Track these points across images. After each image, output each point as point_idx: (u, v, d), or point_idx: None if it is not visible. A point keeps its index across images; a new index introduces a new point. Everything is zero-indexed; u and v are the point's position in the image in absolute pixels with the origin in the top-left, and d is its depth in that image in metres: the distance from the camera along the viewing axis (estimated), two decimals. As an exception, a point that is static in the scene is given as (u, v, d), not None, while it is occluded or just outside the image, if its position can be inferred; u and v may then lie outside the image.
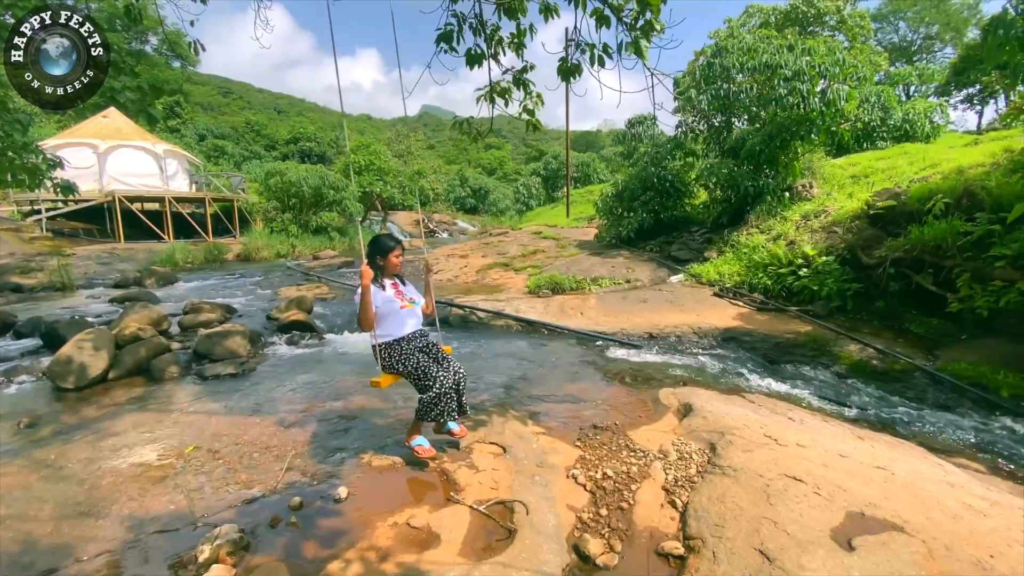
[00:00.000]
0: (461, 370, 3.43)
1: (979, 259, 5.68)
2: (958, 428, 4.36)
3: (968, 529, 2.42)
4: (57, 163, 5.43)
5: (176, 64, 45.58)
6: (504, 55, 3.63)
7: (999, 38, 4.23)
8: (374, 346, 3.30)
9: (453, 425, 3.50)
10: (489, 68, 3.63)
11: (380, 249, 3.40)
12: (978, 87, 25.33)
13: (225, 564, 2.40)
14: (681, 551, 2.52)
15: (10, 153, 5.02)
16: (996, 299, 5.31)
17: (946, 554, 2.23)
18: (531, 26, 3.56)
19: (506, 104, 3.75)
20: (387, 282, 3.39)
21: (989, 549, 2.27)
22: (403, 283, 3.53)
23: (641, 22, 2.89)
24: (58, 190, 5.41)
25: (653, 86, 3.14)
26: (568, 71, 3.47)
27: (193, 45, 4.20)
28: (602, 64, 3.16)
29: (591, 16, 3.05)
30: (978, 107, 28.31)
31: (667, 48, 3.09)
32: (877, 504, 2.61)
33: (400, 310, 3.32)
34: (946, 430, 4.33)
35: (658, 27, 2.91)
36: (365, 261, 3.26)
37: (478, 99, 3.81)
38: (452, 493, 3.02)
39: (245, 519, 2.81)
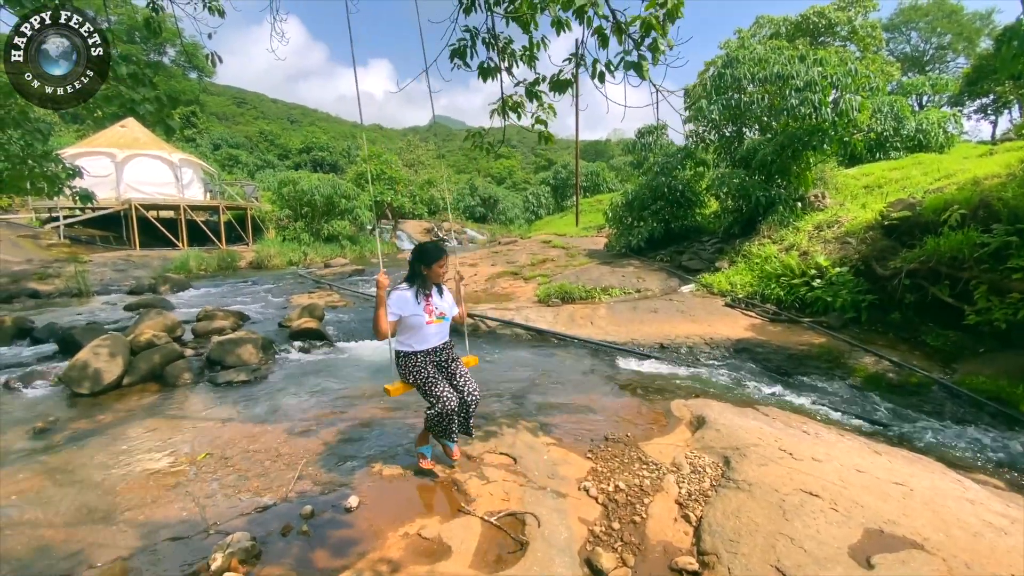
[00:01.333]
0: (475, 392, 3.32)
1: (996, 271, 5.60)
2: (977, 443, 4.28)
3: (989, 547, 2.36)
4: (76, 172, 5.55)
5: (193, 75, 46.48)
6: (517, 67, 3.65)
7: (1013, 49, 4.21)
8: (394, 352, 3.27)
9: (450, 444, 3.44)
10: (501, 80, 3.65)
11: (424, 259, 3.21)
12: (992, 97, 25.15)
13: (237, 572, 2.40)
14: (695, 566, 2.49)
15: (31, 161, 5.15)
16: (1014, 312, 5.23)
17: (967, 573, 2.19)
18: (543, 39, 3.57)
19: (519, 117, 3.76)
20: (420, 293, 3.22)
21: (1011, 568, 2.22)
22: (440, 294, 3.34)
23: (648, 40, 2.89)
24: (76, 198, 5.53)
25: (657, 102, 3.15)
26: (559, 84, 3.48)
27: (211, 57, 4.30)
28: (602, 80, 3.16)
29: (593, 35, 3.06)
30: (992, 117, 28.12)
31: (673, 66, 3.08)
32: (896, 521, 2.56)
33: (425, 325, 3.19)
34: (964, 445, 4.25)
35: (663, 47, 2.91)
36: (382, 270, 3.08)
37: (491, 113, 3.83)
38: (463, 504, 3.00)
39: (256, 527, 2.81)
